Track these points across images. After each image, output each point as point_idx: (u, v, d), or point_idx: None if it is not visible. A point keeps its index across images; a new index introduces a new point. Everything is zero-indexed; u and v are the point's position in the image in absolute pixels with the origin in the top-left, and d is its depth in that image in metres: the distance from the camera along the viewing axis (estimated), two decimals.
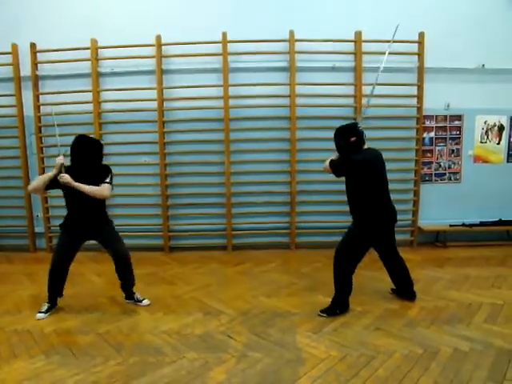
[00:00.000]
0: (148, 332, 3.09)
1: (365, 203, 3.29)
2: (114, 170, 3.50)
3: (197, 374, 2.52)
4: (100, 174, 3.35)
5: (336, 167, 3.33)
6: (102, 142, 3.49)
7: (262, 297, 3.76)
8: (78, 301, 3.69)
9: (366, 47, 5.02)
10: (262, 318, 3.29)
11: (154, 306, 3.57)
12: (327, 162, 3.39)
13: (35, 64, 5.04)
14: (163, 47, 4.98)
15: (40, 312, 3.42)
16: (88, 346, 2.88)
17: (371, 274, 4.21)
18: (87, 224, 3.40)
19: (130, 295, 3.66)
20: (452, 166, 5.42)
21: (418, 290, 3.81)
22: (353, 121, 3.67)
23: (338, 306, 3.36)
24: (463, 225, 5.30)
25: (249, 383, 2.43)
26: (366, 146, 3.32)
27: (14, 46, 4.98)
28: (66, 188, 3.29)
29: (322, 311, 3.35)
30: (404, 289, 3.64)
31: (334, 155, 3.43)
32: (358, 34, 4.99)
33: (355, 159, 3.22)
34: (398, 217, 5.37)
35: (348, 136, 3.25)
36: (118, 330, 3.14)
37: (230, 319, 3.29)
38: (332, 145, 5.09)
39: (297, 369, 2.56)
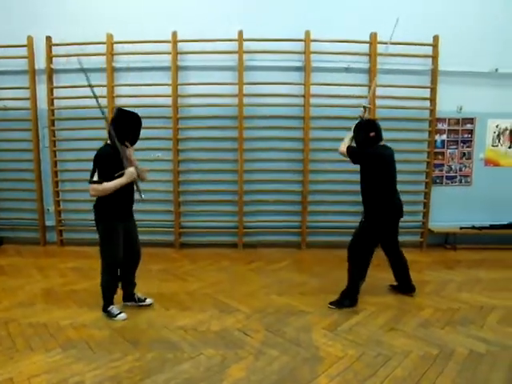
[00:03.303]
0: (164, 328, 3.11)
1: (374, 197, 3.48)
2: None
3: (215, 371, 2.54)
4: None
5: (353, 154, 3.54)
6: None
7: (275, 295, 3.78)
8: (92, 295, 3.66)
9: (380, 49, 5.02)
10: (277, 316, 3.31)
11: (169, 302, 3.59)
12: (344, 147, 3.58)
13: (50, 57, 5.05)
14: (179, 44, 4.98)
15: (120, 313, 3.29)
16: (105, 341, 2.90)
17: (382, 275, 4.22)
18: (129, 207, 3.31)
19: (130, 296, 3.50)
20: (463, 169, 5.43)
21: (429, 291, 3.90)
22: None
23: (348, 297, 3.49)
24: (473, 227, 5.31)
25: (268, 381, 2.44)
26: (382, 143, 3.53)
27: (30, 39, 4.99)
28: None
29: (331, 303, 3.49)
30: (405, 284, 3.77)
31: (347, 137, 3.64)
32: (374, 35, 4.99)
33: (371, 152, 3.44)
34: (408, 218, 5.43)
35: (368, 131, 3.46)
36: (133, 325, 3.16)
37: (246, 316, 3.31)
38: None
39: (314, 367, 2.58)
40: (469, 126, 5.36)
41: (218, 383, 2.42)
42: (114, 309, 3.31)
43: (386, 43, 4.14)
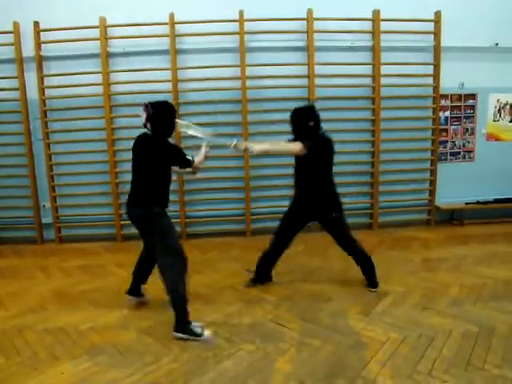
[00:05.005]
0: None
1: (314, 185, 3.31)
2: (124, 154, 3.25)
3: (260, 367, 2.43)
4: None
5: (311, 146, 3.12)
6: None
7: (299, 282, 3.70)
8: (107, 295, 3.52)
9: (384, 26, 4.91)
10: (307, 304, 3.23)
11: (190, 297, 3.42)
12: (297, 146, 3.13)
13: (39, 44, 4.69)
14: (177, 26, 4.72)
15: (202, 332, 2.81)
16: (133, 344, 2.73)
17: (398, 254, 4.24)
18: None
19: (137, 291, 3.32)
20: (466, 145, 5.45)
21: (448, 267, 3.92)
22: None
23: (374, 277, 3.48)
24: (478, 202, 5.37)
25: (319, 372, 2.35)
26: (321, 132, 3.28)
27: (16, 25, 4.61)
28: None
29: (371, 287, 3.45)
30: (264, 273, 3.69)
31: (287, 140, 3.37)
32: (376, 12, 4.87)
33: (322, 140, 3.20)
34: (415, 196, 5.48)
35: (306, 120, 3.18)
36: (159, 323, 2.98)
37: (274, 306, 3.22)
38: (351, 125, 5.15)
39: (361, 354, 2.52)
40: (471, 102, 5.37)
41: (268, 379, 2.32)
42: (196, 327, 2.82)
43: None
